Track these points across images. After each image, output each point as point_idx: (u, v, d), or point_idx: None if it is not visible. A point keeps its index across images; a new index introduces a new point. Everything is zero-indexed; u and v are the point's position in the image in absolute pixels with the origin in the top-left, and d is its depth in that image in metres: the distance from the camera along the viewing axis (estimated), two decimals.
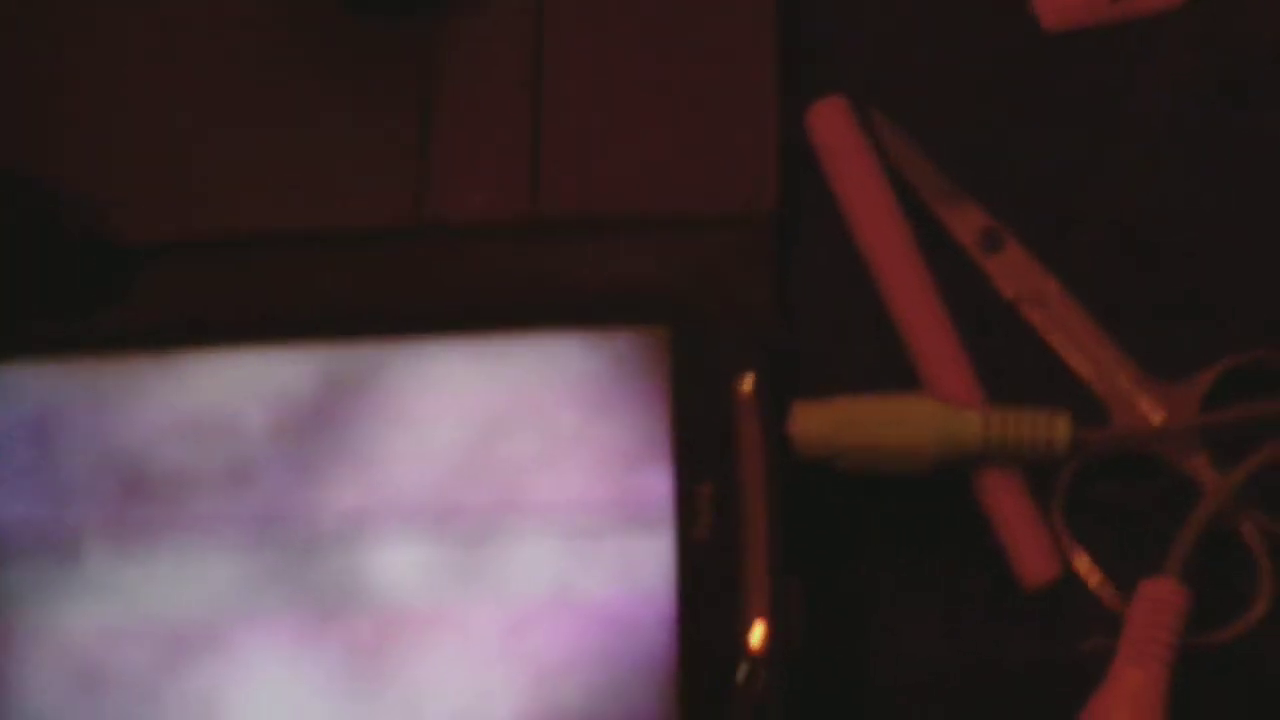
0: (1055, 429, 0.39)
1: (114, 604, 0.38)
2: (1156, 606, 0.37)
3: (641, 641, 0.37)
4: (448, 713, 0.36)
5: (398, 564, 0.38)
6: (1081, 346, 0.41)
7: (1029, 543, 0.39)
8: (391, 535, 0.38)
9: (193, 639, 0.37)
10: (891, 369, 0.42)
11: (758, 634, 0.36)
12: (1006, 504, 0.40)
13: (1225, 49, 0.44)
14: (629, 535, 0.37)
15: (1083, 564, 0.39)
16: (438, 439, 0.39)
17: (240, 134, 0.45)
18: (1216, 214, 0.43)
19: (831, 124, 0.44)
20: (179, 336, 0.40)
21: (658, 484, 0.38)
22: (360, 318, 0.41)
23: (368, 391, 0.39)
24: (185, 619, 0.37)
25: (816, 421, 0.39)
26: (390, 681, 0.37)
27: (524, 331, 0.40)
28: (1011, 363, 0.42)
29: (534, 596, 0.37)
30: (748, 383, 0.39)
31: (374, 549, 0.38)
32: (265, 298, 0.43)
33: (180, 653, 0.37)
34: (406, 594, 0.37)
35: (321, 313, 0.41)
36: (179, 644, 0.37)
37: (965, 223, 0.43)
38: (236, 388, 0.39)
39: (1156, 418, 0.40)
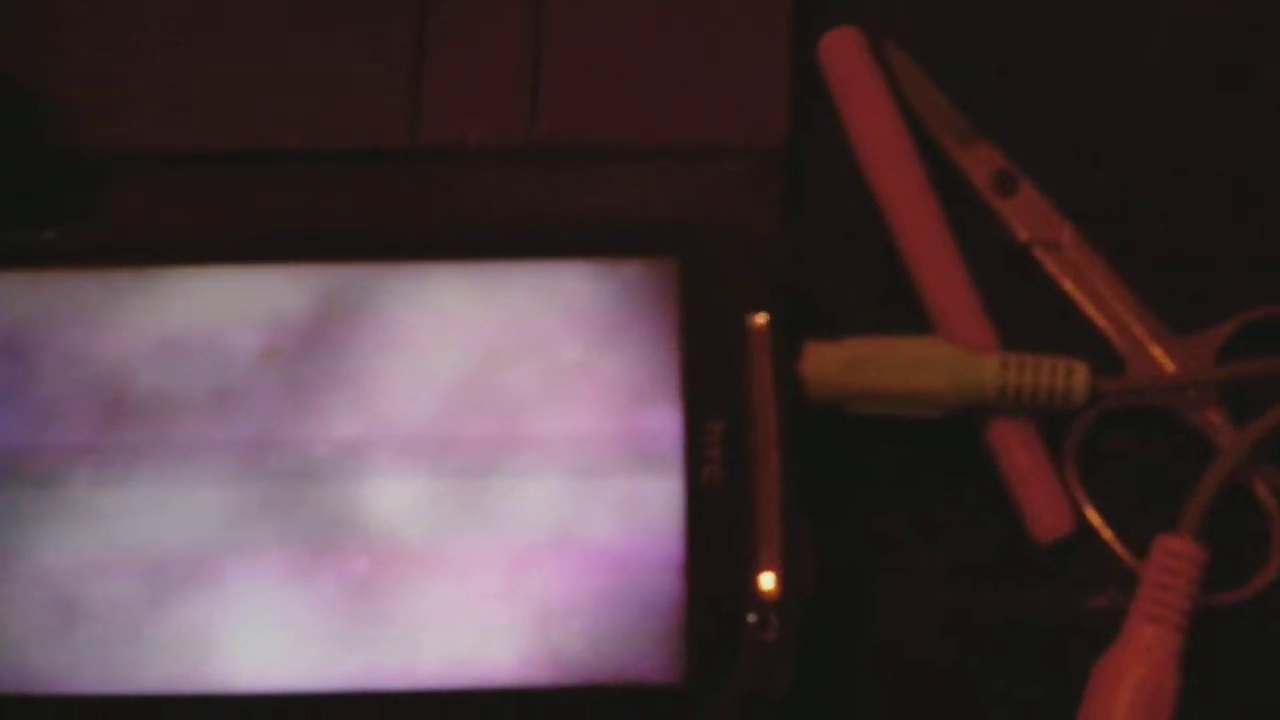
0: (1073, 377, 0.38)
1: (94, 534, 0.36)
2: (1172, 563, 0.36)
3: (648, 584, 0.35)
4: (447, 652, 0.35)
5: (395, 496, 0.36)
6: (1096, 294, 0.40)
7: (1042, 496, 0.38)
8: (388, 466, 0.36)
9: (178, 571, 0.35)
10: (902, 310, 0.40)
11: (769, 579, 0.35)
12: (1020, 455, 0.39)
13: None
14: (636, 473, 0.36)
15: (1096, 519, 0.38)
16: (436, 368, 0.37)
17: (232, 49, 0.43)
18: (1234, 164, 0.42)
19: (844, 55, 0.43)
20: (165, 252, 0.38)
21: (667, 421, 0.36)
22: (355, 239, 0.39)
23: (364, 316, 0.37)
24: (170, 550, 0.36)
25: (829, 363, 0.38)
26: (386, 619, 0.35)
27: (527, 259, 0.38)
28: (1024, 308, 0.40)
29: (535, 534, 0.36)
30: (761, 319, 0.37)
31: (370, 480, 0.36)
32: (255, 216, 0.41)
33: (164, 586, 0.35)
34: (403, 528, 0.36)
35: (314, 233, 0.39)
36: (163, 576, 0.35)
37: (979, 163, 0.42)
38: (225, 308, 0.37)
39: (1172, 370, 0.39)
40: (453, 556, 0.35)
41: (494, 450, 0.36)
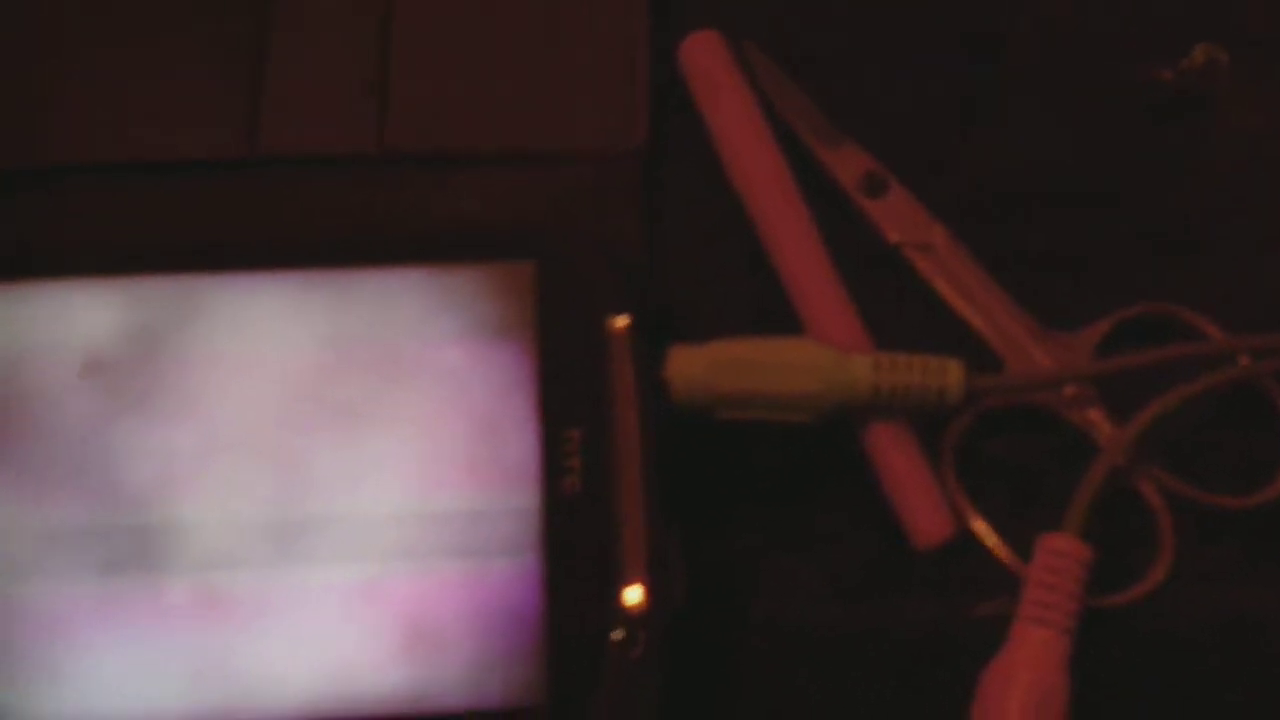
0: (948, 375, 0.36)
1: None
2: (1057, 562, 0.35)
3: (506, 603, 0.33)
4: (302, 684, 0.32)
5: (236, 523, 0.33)
6: (970, 295, 0.39)
7: (920, 500, 0.37)
8: (227, 491, 0.33)
9: None
10: (772, 316, 0.39)
11: (634, 592, 0.33)
12: (896, 459, 0.37)
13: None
14: (490, 485, 0.34)
15: (977, 523, 0.37)
16: (278, 383, 0.35)
17: (66, 59, 0.41)
18: (1104, 162, 0.41)
19: (705, 58, 0.41)
20: None
21: (522, 429, 0.34)
22: (187, 251, 0.36)
23: (201, 331, 0.35)
24: None
25: (694, 365, 0.36)
26: (237, 654, 0.32)
27: (376, 266, 0.36)
28: (897, 311, 0.39)
29: (385, 557, 0.33)
30: (621, 322, 0.35)
31: (207, 507, 0.33)
32: (86, 230, 0.39)
33: None
34: (246, 557, 0.33)
35: (143, 245, 0.37)
36: None
37: (847, 165, 0.40)
38: (46, 325, 0.35)
39: (1051, 367, 0.38)
40: (296, 585, 0.33)
41: (339, 466, 0.34)
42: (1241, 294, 0.39)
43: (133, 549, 0.33)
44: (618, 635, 0.32)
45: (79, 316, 0.35)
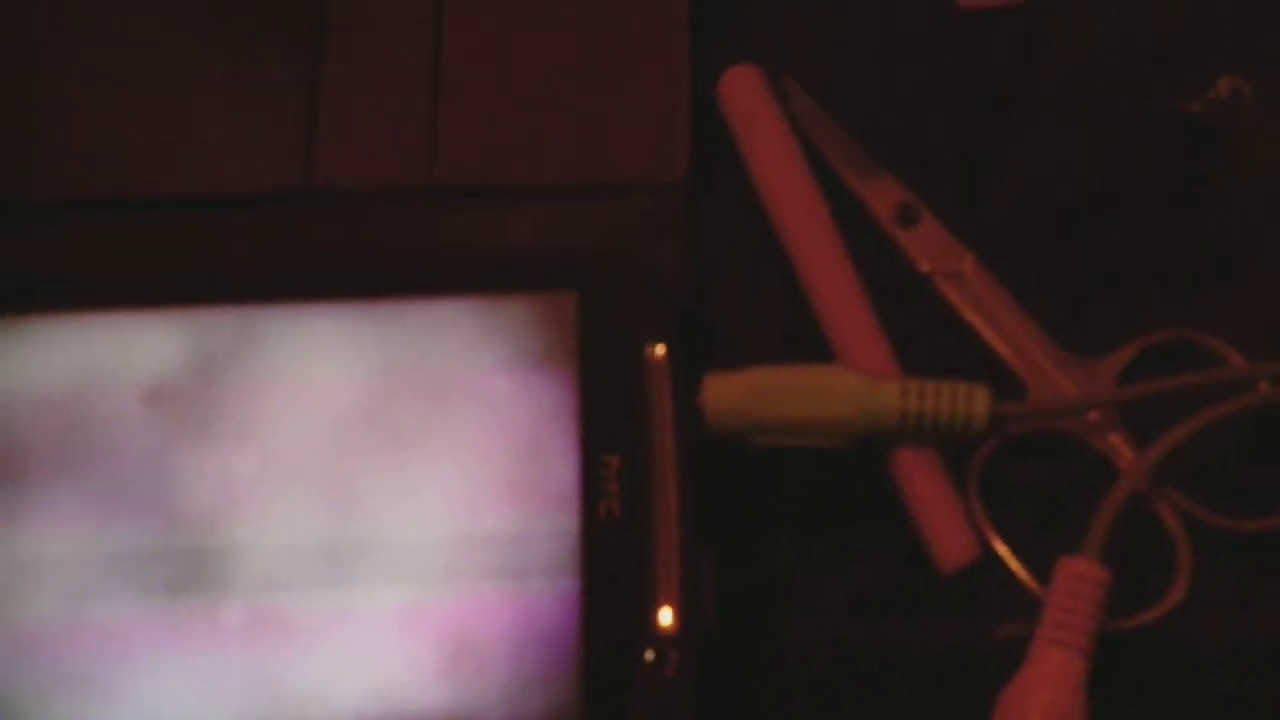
0: (974, 402, 0.37)
1: None
2: (1076, 585, 0.36)
3: (544, 623, 0.34)
4: (343, 702, 0.34)
5: (286, 545, 0.35)
6: (998, 323, 0.40)
7: (946, 525, 0.38)
8: (282, 513, 0.35)
9: (54, 631, 0.34)
10: (804, 344, 0.40)
11: (667, 614, 0.34)
12: (922, 484, 0.38)
13: (1132, 26, 0.44)
14: (532, 509, 0.35)
15: (1001, 547, 0.38)
16: (327, 410, 0.36)
17: (128, 97, 0.43)
18: (1131, 191, 0.42)
19: (744, 92, 0.43)
20: (54, 298, 0.37)
21: (563, 455, 0.36)
22: (244, 283, 0.38)
23: (254, 360, 0.37)
24: (45, 610, 0.35)
25: (729, 393, 0.37)
26: (279, 672, 0.34)
27: (420, 298, 0.38)
28: (927, 339, 0.40)
29: (429, 577, 0.35)
30: (659, 351, 0.37)
31: (260, 529, 0.35)
32: (148, 262, 0.41)
33: (39, 645, 0.34)
34: (294, 578, 0.35)
35: (203, 277, 0.39)
36: (38, 638, 0.34)
37: (880, 196, 0.42)
38: (111, 355, 0.37)
39: (1074, 394, 0.39)
40: (345, 605, 0.35)
41: (387, 491, 0.36)
42: (1264, 321, 0.40)
43: (189, 571, 0.35)
44: (650, 655, 0.34)
45: (143, 346, 0.37)
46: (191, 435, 0.36)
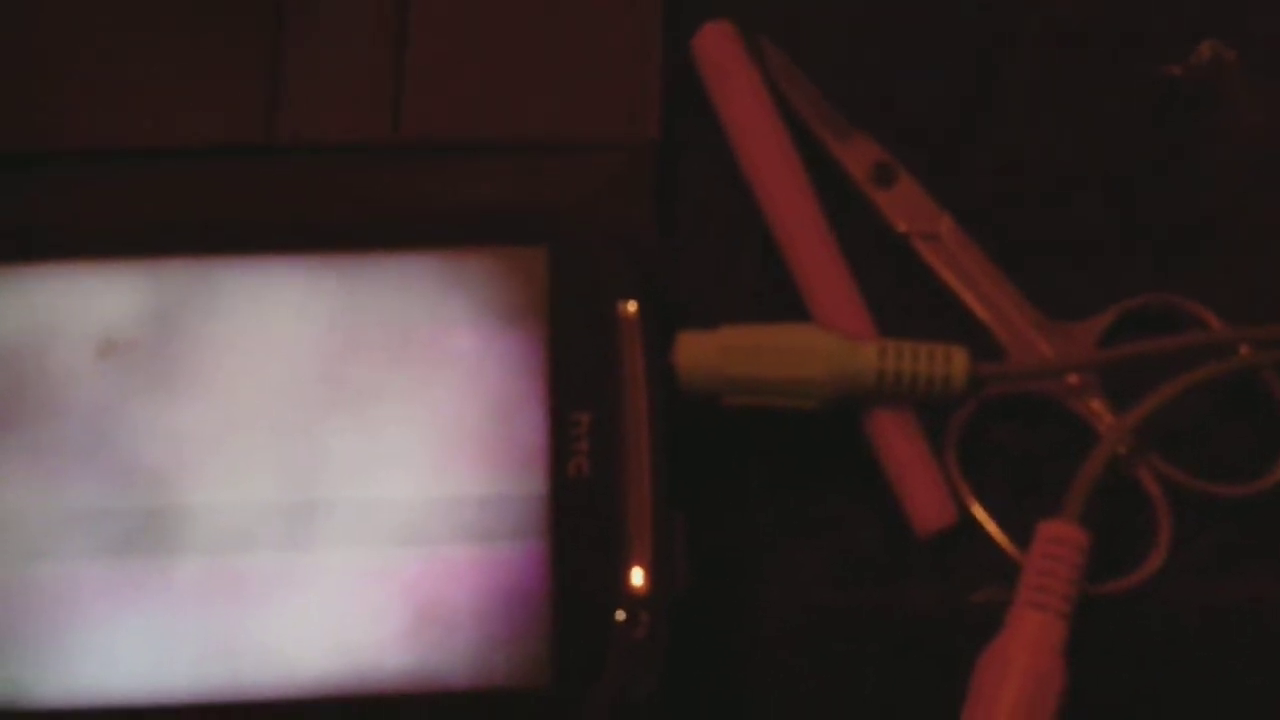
0: (953, 363, 0.37)
1: None
2: (1055, 548, 0.35)
3: (513, 584, 0.33)
4: (312, 662, 0.33)
5: (245, 503, 0.34)
6: (976, 284, 0.39)
7: (923, 488, 0.37)
8: (240, 470, 0.34)
9: (4, 588, 0.33)
10: (780, 304, 0.39)
11: (638, 574, 0.33)
12: (900, 446, 0.37)
13: None
14: (500, 467, 0.34)
15: (979, 511, 0.37)
16: (288, 368, 0.35)
17: (86, 47, 0.41)
18: (1110, 154, 0.41)
19: (718, 49, 0.42)
20: (5, 249, 0.36)
21: (532, 412, 0.35)
22: (202, 234, 0.37)
23: (212, 316, 0.36)
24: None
25: (702, 352, 0.36)
26: (250, 630, 0.33)
27: (386, 251, 0.37)
28: (904, 300, 0.40)
29: (396, 537, 0.34)
30: (631, 307, 0.36)
31: (227, 488, 0.34)
32: (103, 213, 0.39)
33: None
34: (261, 537, 0.34)
35: (159, 228, 0.37)
36: None
37: (857, 155, 0.41)
38: (63, 307, 0.35)
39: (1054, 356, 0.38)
40: (307, 565, 0.34)
41: (352, 450, 0.35)
42: (1244, 286, 0.40)
43: (146, 529, 0.34)
44: (621, 616, 0.33)
45: (96, 298, 0.36)
46: (146, 389, 0.35)
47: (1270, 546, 0.37)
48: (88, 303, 0.36)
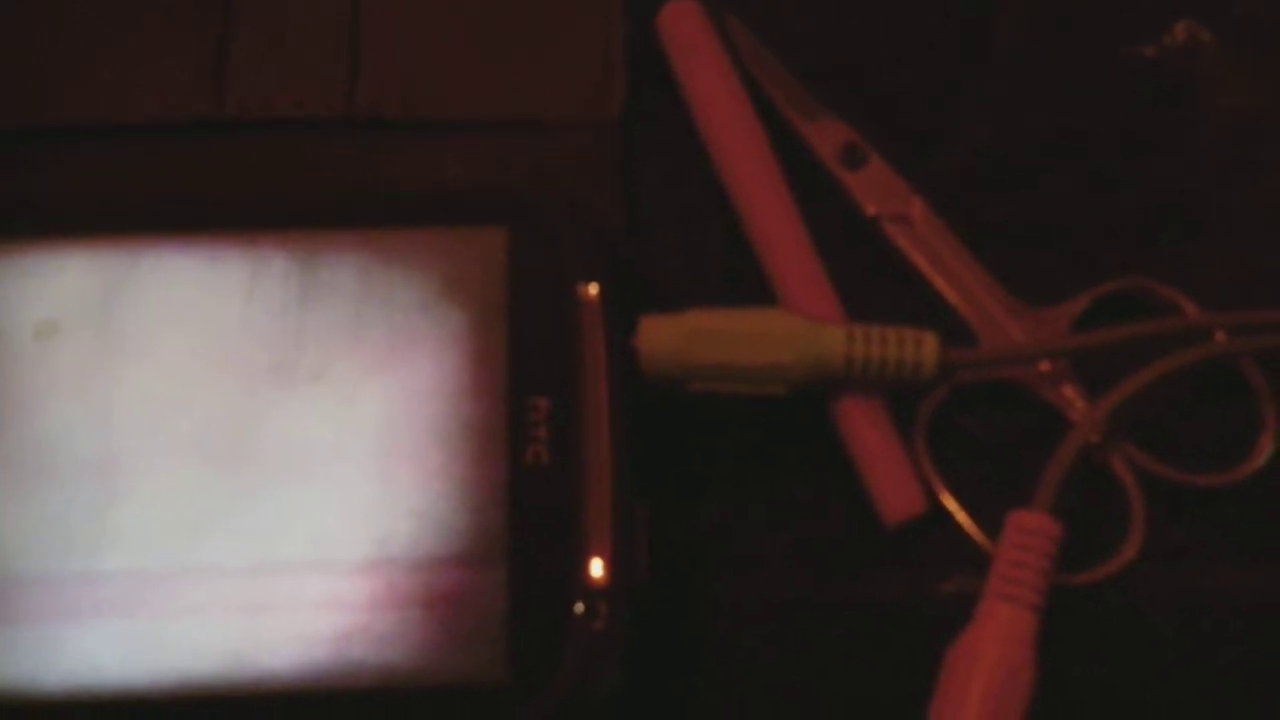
0: (923, 348, 0.36)
1: None
2: (1026, 539, 0.34)
3: (469, 575, 0.32)
4: (266, 655, 0.32)
5: (193, 490, 0.33)
6: (947, 268, 0.38)
7: (892, 476, 0.36)
8: (189, 460, 0.33)
9: None
10: (746, 288, 0.38)
11: (598, 565, 0.32)
12: (868, 434, 0.36)
13: None
14: (455, 453, 0.33)
15: (949, 500, 0.36)
16: (239, 351, 0.34)
17: (26, 22, 0.40)
18: (1084, 137, 0.41)
19: (684, 26, 0.41)
20: None
21: (489, 396, 0.34)
22: (148, 213, 0.36)
23: (159, 298, 0.34)
24: None
25: (666, 336, 0.35)
26: (204, 626, 0.32)
27: (341, 229, 0.35)
28: (874, 284, 0.39)
29: (346, 525, 0.33)
30: (592, 290, 0.35)
31: (171, 478, 0.33)
32: (46, 192, 0.38)
33: None
34: (200, 524, 0.33)
35: (102, 207, 0.36)
36: None
37: (825, 136, 0.40)
38: (5, 287, 0.34)
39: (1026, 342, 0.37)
40: (260, 555, 0.32)
41: (304, 433, 0.33)
42: (1220, 271, 0.39)
43: (86, 519, 0.32)
44: (580, 608, 0.32)
45: (35, 280, 0.34)
46: (89, 375, 0.34)
47: (1245, 536, 0.37)
48: (26, 284, 0.34)
